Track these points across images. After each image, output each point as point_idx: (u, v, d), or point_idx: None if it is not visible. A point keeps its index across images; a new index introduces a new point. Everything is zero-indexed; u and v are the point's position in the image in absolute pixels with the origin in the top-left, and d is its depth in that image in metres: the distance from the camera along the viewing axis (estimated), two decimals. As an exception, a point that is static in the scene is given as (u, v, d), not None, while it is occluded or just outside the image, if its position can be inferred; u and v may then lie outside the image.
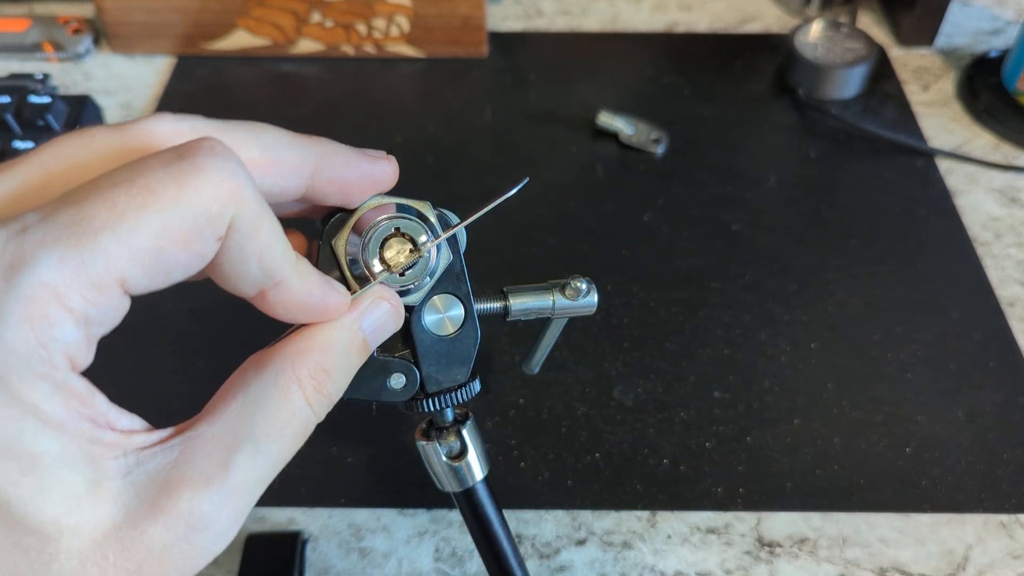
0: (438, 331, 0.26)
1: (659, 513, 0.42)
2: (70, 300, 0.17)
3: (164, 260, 0.18)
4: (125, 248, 0.17)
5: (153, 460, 0.19)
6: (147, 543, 0.18)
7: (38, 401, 0.17)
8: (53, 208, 0.17)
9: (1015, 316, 0.50)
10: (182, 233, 0.18)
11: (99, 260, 0.17)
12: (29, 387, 0.17)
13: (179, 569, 0.19)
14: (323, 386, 0.22)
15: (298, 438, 0.21)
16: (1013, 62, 0.61)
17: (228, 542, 0.20)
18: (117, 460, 0.18)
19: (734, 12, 0.72)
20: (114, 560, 0.18)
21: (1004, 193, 0.58)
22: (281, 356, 0.21)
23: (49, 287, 0.17)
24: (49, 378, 0.17)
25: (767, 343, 0.49)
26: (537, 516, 0.42)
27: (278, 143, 0.22)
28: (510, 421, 0.45)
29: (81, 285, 0.17)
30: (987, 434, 0.44)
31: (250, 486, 0.20)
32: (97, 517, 0.18)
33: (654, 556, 0.41)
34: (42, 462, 0.17)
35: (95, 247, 0.17)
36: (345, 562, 0.40)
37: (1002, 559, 0.40)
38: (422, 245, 0.24)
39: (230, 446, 0.19)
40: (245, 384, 0.21)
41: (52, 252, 0.17)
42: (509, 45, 0.68)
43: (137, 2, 0.64)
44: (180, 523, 0.18)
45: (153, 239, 0.18)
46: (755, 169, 0.59)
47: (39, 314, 0.17)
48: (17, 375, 0.17)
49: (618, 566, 0.40)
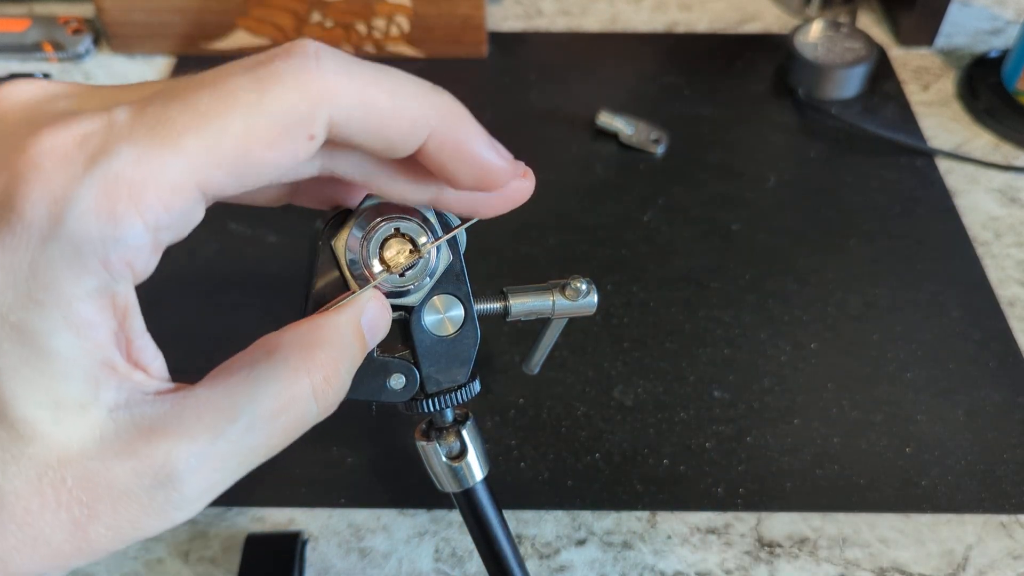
0: (438, 331, 0.26)
1: (659, 513, 0.42)
2: (143, 199, 0.17)
3: (250, 161, 0.17)
4: (206, 150, 0.17)
5: (145, 406, 0.18)
6: (109, 482, 0.17)
7: (75, 297, 0.17)
8: (143, 105, 0.17)
9: (1015, 316, 0.50)
10: (267, 134, 0.17)
11: (179, 161, 0.17)
12: (73, 279, 0.17)
13: (131, 521, 0.18)
14: (331, 379, 0.21)
15: (294, 428, 0.20)
16: (1013, 62, 0.61)
17: (188, 515, 0.19)
18: (113, 391, 0.18)
19: (734, 12, 0.72)
20: (71, 487, 0.17)
21: (1004, 193, 0.58)
22: (291, 342, 0.21)
23: (124, 182, 0.16)
24: (97, 276, 0.17)
25: (767, 343, 0.49)
26: (537, 516, 0.42)
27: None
28: (510, 421, 0.45)
29: (157, 185, 0.17)
30: (987, 434, 0.44)
31: (232, 461, 0.19)
32: (71, 437, 0.17)
33: (654, 556, 0.41)
34: (47, 359, 0.17)
35: (176, 148, 0.17)
36: (345, 562, 0.40)
37: (1002, 559, 0.40)
38: (422, 246, 0.24)
39: (225, 415, 0.19)
40: (253, 361, 0.20)
41: (133, 149, 0.17)
42: (509, 45, 0.68)
43: (137, 2, 0.64)
44: (149, 472, 0.18)
45: (235, 141, 0.17)
46: (755, 169, 0.59)
47: (108, 208, 0.16)
48: (67, 263, 0.16)
49: (618, 566, 0.40)
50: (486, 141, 0.21)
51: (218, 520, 0.42)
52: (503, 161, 0.21)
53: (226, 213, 0.55)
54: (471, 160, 0.21)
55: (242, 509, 0.42)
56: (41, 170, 0.16)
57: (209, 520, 0.42)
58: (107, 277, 0.17)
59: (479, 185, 0.22)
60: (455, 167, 0.21)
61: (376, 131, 0.19)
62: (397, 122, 0.19)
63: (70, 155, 0.17)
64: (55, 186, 0.16)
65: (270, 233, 0.54)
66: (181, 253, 0.53)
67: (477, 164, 0.21)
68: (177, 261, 0.53)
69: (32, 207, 0.16)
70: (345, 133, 0.19)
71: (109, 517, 0.17)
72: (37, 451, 0.17)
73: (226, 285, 0.51)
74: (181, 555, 0.41)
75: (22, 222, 0.16)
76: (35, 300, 0.16)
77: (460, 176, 0.21)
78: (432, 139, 0.20)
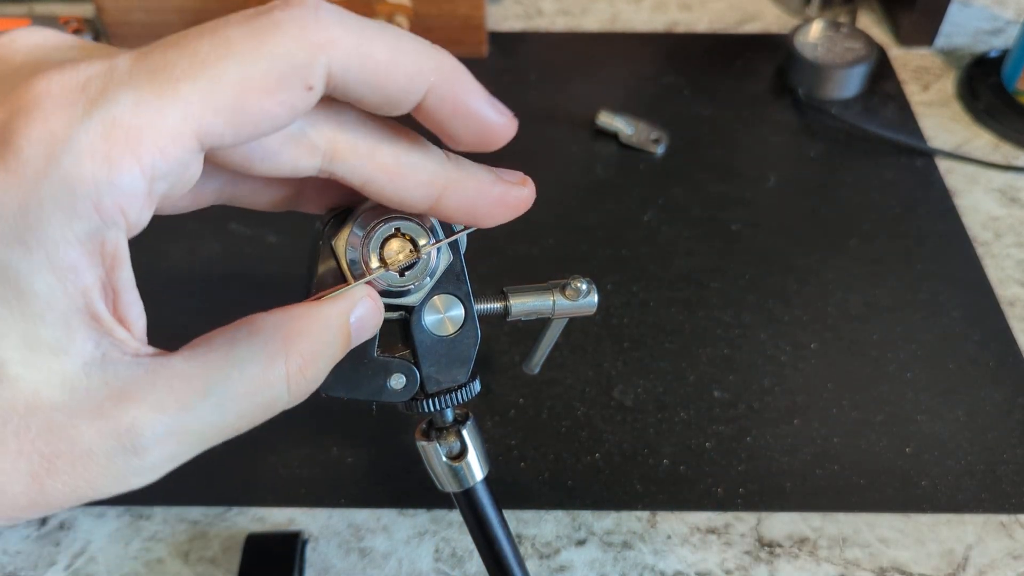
0: (438, 331, 0.26)
1: (659, 513, 0.42)
2: (141, 145, 0.16)
3: (248, 110, 0.17)
4: (204, 97, 0.17)
5: (121, 367, 0.18)
6: (72, 438, 0.17)
7: (63, 240, 0.16)
8: (143, 53, 0.17)
9: (1015, 316, 0.50)
10: (264, 82, 0.17)
11: (177, 108, 0.17)
12: (63, 221, 0.16)
13: (88, 481, 0.18)
14: (306, 369, 0.21)
15: (262, 411, 0.20)
16: (1013, 62, 0.61)
17: (145, 483, 0.18)
18: (91, 343, 0.18)
19: (734, 12, 0.72)
20: (34, 437, 0.17)
21: (1004, 193, 0.58)
22: (275, 326, 0.21)
23: (122, 127, 0.16)
24: (88, 220, 0.17)
25: (767, 343, 0.49)
26: (537, 516, 0.42)
27: (406, 158, 0.21)
28: (510, 421, 0.45)
29: (155, 131, 0.17)
30: (987, 434, 0.44)
31: (196, 436, 0.19)
32: (40, 385, 0.17)
33: (654, 556, 0.41)
34: (24, 299, 0.16)
35: (174, 95, 0.17)
36: (345, 562, 0.40)
37: (1002, 559, 0.40)
38: (422, 247, 0.24)
39: (197, 389, 0.19)
40: (233, 339, 0.20)
41: (132, 94, 0.17)
42: (509, 45, 0.68)
43: (137, 2, 0.64)
44: (113, 435, 0.17)
45: (232, 88, 0.17)
46: (755, 169, 0.59)
47: (105, 151, 0.16)
48: (57, 204, 0.16)
49: (618, 566, 0.40)
50: (485, 97, 0.21)
51: (218, 520, 0.42)
52: (502, 117, 0.21)
53: (226, 213, 0.55)
54: (470, 115, 0.21)
55: (242, 509, 0.42)
56: (42, 109, 0.16)
57: (209, 520, 0.42)
58: (98, 222, 0.17)
59: (479, 142, 0.21)
60: (454, 123, 0.21)
61: (374, 83, 0.19)
62: (395, 75, 0.19)
63: (72, 97, 0.17)
64: (54, 126, 0.16)
65: (270, 233, 0.54)
66: (181, 253, 0.53)
67: (476, 120, 0.21)
68: (177, 261, 0.53)
69: (29, 145, 0.16)
70: (343, 86, 0.19)
71: (67, 474, 0.17)
72: (4, 394, 0.17)
73: (226, 285, 0.51)
74: (181, 555, 0.41)
75: (17, 159, 0.16)
76: (20, 240, 0.16)
77: (460, 133, 0.21)
78: (431, 94, 0.20)
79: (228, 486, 0.43)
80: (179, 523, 0.42)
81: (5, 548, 0.41)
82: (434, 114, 0.20)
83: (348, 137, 0.21)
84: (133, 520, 0.42)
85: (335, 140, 0.20)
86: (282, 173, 0.20)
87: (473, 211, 0.23)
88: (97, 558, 0.41)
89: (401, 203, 0.22)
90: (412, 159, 0.21)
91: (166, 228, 0.54)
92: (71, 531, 0.41)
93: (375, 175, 0.21)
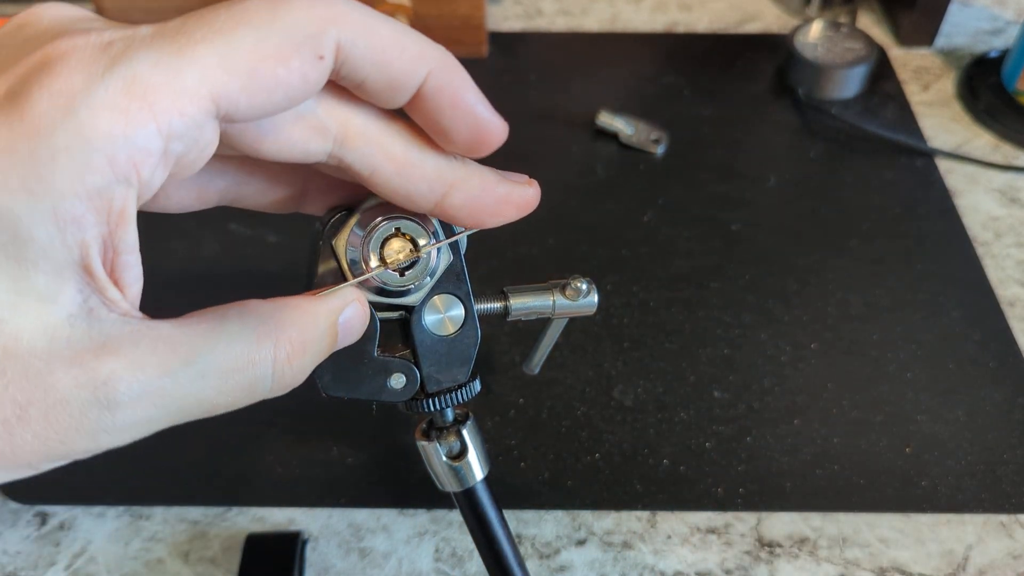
0: (438, 331, 0.26)
1: (659, 513, 0.42)
2: (158, 102, 0.17)
3: (262, 76, 0.18)
4: (220, 60, 0.17)
5: (107, 324, 0.18)
6: (48, 386, 0.17)
7: (71, 192, 0.16)
8: (163, 24, 0.18)
9: (1015, 316, 0.50)
10: (278, 49, 0.18)
11: (194, 69, 0.17)
12: (73, 174, 0.16)
13: (59, 434, 0.17)
14: (294, 358, 0.21)
15: (243, 392, 0.20)
16: (1013, 62, 0.61)
17: (115, 443, 0.18)
18: (80, 297, 0.18)
19: (734, 12, 0.72)
20: (8, 383, 0.17)
21: (1004, 193, 0.58)
22: (268, 311, 0.21)
23: (141, 84, 0.17)
24: (100, 174, 0.17)
25: (767, 343, 0.49)
26: (537, 516, 0.42)
27: (414, 151, 0.22)
28: (510, 421, 0.45)
29: (172, 90, 0.17)
30: (987, 434, 0.44)
31: (172, 404, 0.19)
32: (22, 330, 0.17)
33: (654, 556, 0.41)
34: (21, 244, 0.16)
35: (192, 56, 0.17)
36: (345, 562, 0.40)
37: (1002, 559, 0.40)
38: (423, 247, 0.24)
39: (180, 354, 0.19)
40: (224, 316, 0.20)
41: (151, 54, 0.17)
42: (509, 45, 0.68)
43: (137, 2, 0.64)
44: (89, 386, 0.17)
45: (248, 54, 0.18)
46: (755, 169, 0.59)
47: (123, 106, 0.17)
48: (70, 156, 0.16)
49: (618, 566, 0.40)
50: (481, 97, 0.21)
51: (218, 520, 0.42)
52: (496, 118, 0.22)
53: (226, 213, 0.55)
54: (466, 110, 0.21)
55: (242, 509, 0.42)
56: (65, 64, 0.17)
57: (209, 520, 0.42)
58: (110, 177, 0.17)
59: (473, 139, 0.22)
60: (451, 116, 0.21)
61: (380, 61, 0.20)
62: (399, 55, 0.20)
63: (94, 55, 0.17)
64: (75, 80, 0.17)
65: (270, 233, 0.54)
66: (181, 253, 0.53)
67: (472, 115, 0.21)
68: (177, 261, 0.53)
69: (49, 96, 0.16)
70: (351, 62, 0.19)
71: (39, 424, 0.17)
72: None
73: (226, 285, 0.51)
74: (181, 555, 0.41)
75: (34, 109, 0.16)
76: (27, 187, 0.16)
77: (455, 128, 0.21)
78: (431, 80, 0.20)
79: (228, 486, 0.43)
80: (179, 523, 0.42)
81: (5, 548, 0.41)
82: (432, 103, 0.21)
83: (359, 123, 0.21)
84: (133, 520, 0.42)
85: (346, 124, 0.21)
86: (292, 156, 0.21)
87: (478, 210, 0.23)
88: (97, 558, 0.41)
89: (407, 197, 0.22)
90: (420, 153, 0.22)
91: (166, 228, 0.54)
92: (71, 531, 0.41)
93: (383, 165, 0.21)
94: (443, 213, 0.23)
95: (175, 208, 0.24)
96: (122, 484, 0.43)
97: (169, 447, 0.44)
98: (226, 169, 0.24)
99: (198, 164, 0.19)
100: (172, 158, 0.18)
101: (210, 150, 0.19)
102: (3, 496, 0.42)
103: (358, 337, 0.24)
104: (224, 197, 0.24)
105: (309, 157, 0.21)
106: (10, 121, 0.16)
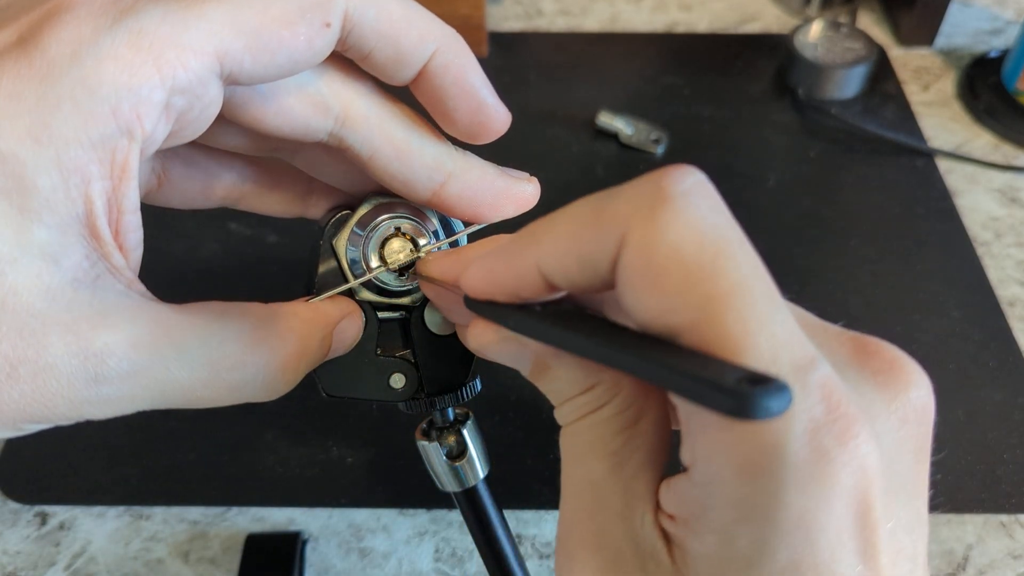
0: (439, 331, 0.26)
1: (659, 513, 0.42)
2: (163, 56, 0.17)
3: (268, 37, 0.18)
4: (227, 18, 0.17)
5: (109, 293, 0.18)
6: (40, 348, 0.17)
7: (75, 140, 0.16)
8: None
9: (1015, 316, 0.50)
10: (286, 13, 0.18)
11: (201, 25, 0.17)
12: (77, 121, 0.16)
13: (45, 398, 0.17)
14: (287, 368, 0.21)
15: (231, 391, 0.20)
16: (1013, 62, 0.61)
17: (96, 416, 0.18)
18: (85, 262, 0.17)
19: (734, 12, 0.72)
20: (1, 337, 0.17)
21: (1004, 193, 0.58)
22: (267, 316, 0.21)
23: (147, 36, 0.17)
24: (104, 124, 0.17)
25: (767, 343, 0.49)
26: (537, 516, 0.42)
27: (414, 136, 0.22)
28: (510, 421, 0.45)
29: (178, 44, 0.17)
30: (987, 434, 0.44)
31: (158, 387, 0.18)
32: (22, 285, 0.17)
33: (654, 556, 0.40)
34: (26, 193, 0.16)
35: (199, 13, 0.17)
36: (345, 562, 0.40)
37: (1002, 559, 0.40)
38: (423, 247, 0.24)
39: (175, 340, 0.18)
40: (225, 314, 0.20)
41: (159, 9, 0.17)
42: (509, 45, 0.68)
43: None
44: (80, 356, 0.17)
45: (255, 15, 0.18)
46: (755, 169, 0.59)
47: (129, 58, 0.17)
48: (75, 105, 0.16)
49: (618, 566, 0.40)
50: (486, 81, 0.22)
51: (218, 520, 0.42)
52: (500, 105, 0.22)
53: (226, 213, 0.55)
54: (470, 91, 0.21)
55: (242, 509, 0.42)
56: (74, 14, 0.17)
57: (209, 520, 0.42)
58: (113, 127, 0.17)
59: (475, 123, 0.22)
60: (454, 96, 0.21)
61: (388, 33, 0.20)
62: (407, 29, 0.20)
63: (104, 7, 0.17)
64: (83, 30, 0.17)
65: (270, 233, 0.54)
66: (182, 253, 0.53)
67: (476, 98, 0.21)
68: (177, 261, 0.53)
69: (57, 44, 0.16)
70: (358, 32, 0.19)
71: (27, 383, 0.17)
72: None
73: (226, 285, 0.51)
74: (181, 555, 0.41)
75: (43, 56, 0.16)
76: (32, 134, 0.16)
77: (458, 108, 0.21)
78: (437, 57, 0.21)
79: (228, 486, 0.43)
80: (179, 523, 0.42)
81: (5, 548, 0.41)
82: (437, 80, 0.21)
83: (361, 104, 0.21)
84: (133, 520, 0.42)
85: (349, 104, 0.21)
86: (294, 131, 0.21)
87: (476, 202, 0.23)
88: (97, 558, 0.40)
89: (404, 183, 0.22)
90: (420, 139, 0.22)
91: (166, 228, 0.54)
92: (71, 531, 0.41)
93: (383, 148, 0.21)
94: (441, 203, 0.23)
95: (179, 202, 0.24)
96: (122, 484, 0.43)
97: (169, 447, 0.44)
98: (232, 163, 0.24)
99: (200, 125, 0.19)
100: (175, 112, 0.18)
101: (213, 110, 0.19)
102: (3, 496, 0.42)
103: (350, 348, 0.24)
104: (228, 195, 0.24)
105: (310, 134, 0.21)
106: (18, 67, 0.16)
